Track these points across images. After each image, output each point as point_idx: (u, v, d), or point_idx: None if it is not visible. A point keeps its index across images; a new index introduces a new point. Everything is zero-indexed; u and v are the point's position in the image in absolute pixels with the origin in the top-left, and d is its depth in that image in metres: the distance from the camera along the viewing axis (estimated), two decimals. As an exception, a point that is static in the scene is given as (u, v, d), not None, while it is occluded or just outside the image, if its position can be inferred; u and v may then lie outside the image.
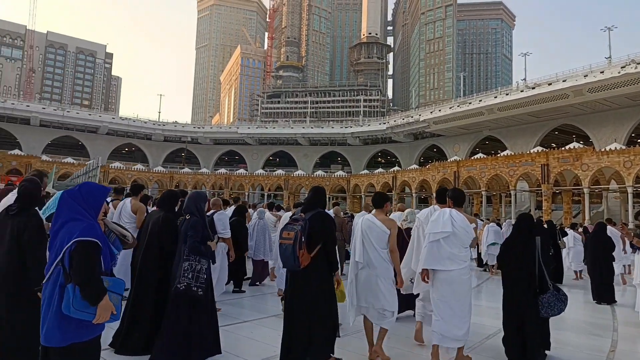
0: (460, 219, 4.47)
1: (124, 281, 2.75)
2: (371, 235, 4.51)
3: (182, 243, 4.15)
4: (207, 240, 4.23)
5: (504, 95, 48.07)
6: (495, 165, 40.40)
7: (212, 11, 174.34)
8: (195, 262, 4.04)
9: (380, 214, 4.70)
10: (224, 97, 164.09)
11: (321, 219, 4.05)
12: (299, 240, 3.82)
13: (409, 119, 61.07)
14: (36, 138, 63.57)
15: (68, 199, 2.66)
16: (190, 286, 3.94)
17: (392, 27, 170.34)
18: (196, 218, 4.21)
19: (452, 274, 4.36)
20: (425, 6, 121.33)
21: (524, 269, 4.67)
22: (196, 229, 4.11)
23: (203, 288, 4.02)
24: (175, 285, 3.97)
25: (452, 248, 4.40)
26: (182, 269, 3.99)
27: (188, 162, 71.54)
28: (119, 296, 2.61)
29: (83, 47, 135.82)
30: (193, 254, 4.03)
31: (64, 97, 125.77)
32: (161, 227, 4.39)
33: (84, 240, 2.47)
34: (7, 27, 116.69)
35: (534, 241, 4.71)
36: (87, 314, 2.43)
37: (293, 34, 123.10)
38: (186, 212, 4.30)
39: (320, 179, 61.78)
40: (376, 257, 4.45)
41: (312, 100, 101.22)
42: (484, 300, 8.78)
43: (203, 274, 4.05)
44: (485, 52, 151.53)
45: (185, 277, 3.95)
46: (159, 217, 4.48)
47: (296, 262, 3.80)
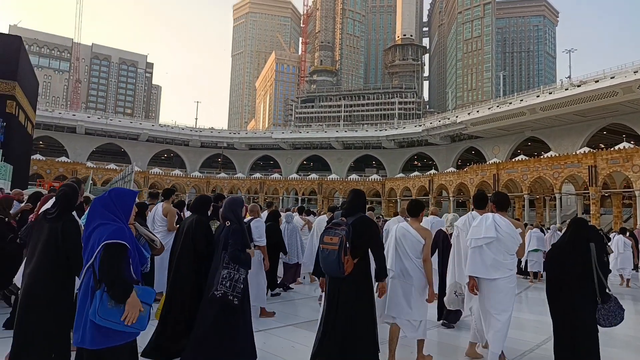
0: (505, 223, 4.27)
1: (154, 291, 2.74)
2: (405, 244, 4.41)
3: (221, 249, 4.13)
4: (247, 247, 4.22)
5: (547, 94, 45.76)
6: (538, 167, 38.49)
7: (247, 19, 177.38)
8: (234, 271, 4.03)
9: (415, 222, 4.58)
10: (259, 103, 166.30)
11: (366, 224, 3.91)
12: (344, 246, 3.70)
13: (446, 121, 59.36)
14: (82, 145, 66.26)
15: (98, 205, 2.75)
16: (226, 294, 3.94)
17: (427, 28, 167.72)
18: (236, 225, 4.20)
19: (496, 282, 4.18)
20: (462, 5, 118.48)
21: (579, 276, 4.24)
22: (236, 237, 4.10)
23: (239, 298, 4.01)
24: (212, 292, 3.97)
25: (496, 255, 4.21)
26: (221, 276, 3.98)
27: (224, 167, 72.63)
28: (148, 306, 2.61)
29: (125, 58, 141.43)
30: (233, 262, 4.02)
31: (108, 106, 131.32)
32: (195, 230, 4.43)
33: (112, 242, 2.56)
34: (55, 41, 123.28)
35: (588, 247, 4.26)
36: (112, 323, 2.48)
37: (327, 38, 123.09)
38: (224, 218, 4.31)
39: (354, 182, 61.10)
40: (411, 266, 4.36)
41: (346, 104, 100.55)
42: (525, 311, 8.13)
43: (240, 284, 4.03)
44: (527, 51, 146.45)
45: (223, 285, 3.96)
46: (192, 221, 4.53)
47: (341, 269, 3.68)
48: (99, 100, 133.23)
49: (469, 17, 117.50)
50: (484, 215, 4.48)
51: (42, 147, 65.35)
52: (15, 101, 18.37)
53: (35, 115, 25.31)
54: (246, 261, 4.11)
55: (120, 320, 2.50)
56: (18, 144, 20.08)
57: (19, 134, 20.20)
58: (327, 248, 3.78)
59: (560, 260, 4.42)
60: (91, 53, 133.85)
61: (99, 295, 2.49)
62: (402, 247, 4.42)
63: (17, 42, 18.39)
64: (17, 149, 19.66)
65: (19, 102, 19.04)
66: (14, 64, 18.24)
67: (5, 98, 17.93)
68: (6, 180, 15.13)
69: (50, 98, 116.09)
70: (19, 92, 18.70)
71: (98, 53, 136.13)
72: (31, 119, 22.84)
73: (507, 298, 4.25)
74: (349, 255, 3.72)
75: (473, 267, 4.29)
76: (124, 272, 2.58)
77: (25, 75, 20.13)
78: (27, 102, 20.96)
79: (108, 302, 2.50)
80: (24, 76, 19.79)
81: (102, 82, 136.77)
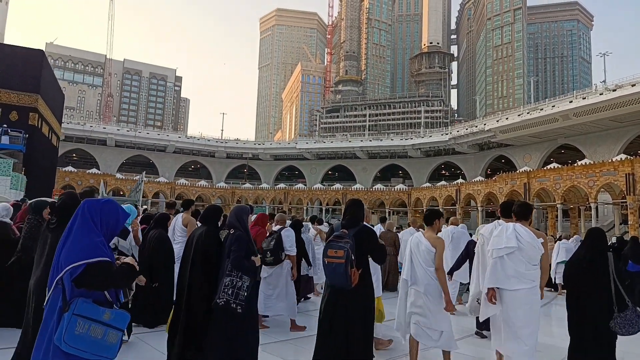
0: (526, 232, 4.20)
1: (129, 315, 2.49)
2: (418, 253, 4.51)
3: (225, 257, 4.10)
4: (252, 255, 4.15)
5: (581, 99, 43.85)
6: (571, 175, 36.76)
7: (273, 31, 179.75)
8: (237, 279, 3.97)
9: (429, 231, 4.67)
10: (285, 114, 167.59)
11: (367, 236, 4.00)
12: (350, 259, 3.74)
13: (473, 129, 57.82)
14: (112, 157, 68.04)
15: (85, 209, 2.54)
16: (229, 302, 3.89)
17: (455, 35, 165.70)
18: (240, 232, 4.16)
19: (518, 294, 4.08)
20: (491, 11, 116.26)
21: (595, 286, 4.32)
22: (240, 244, 4.06)
23: (243, 305, 3.94)
24: (215, 300, 3.95)
25: (517, 265, 4.13)
26: (223, 284, 3.95)
27: (250, 178, 73.06)
28: (119, 332, 2.38)
29: (155, 72, 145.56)
30: (236, 269, 3.98)
31: (138, 119, 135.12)
32: (204, 242, 4.35)
33: (96, 262, 2.36)
34: (89, 57, 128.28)
35: (606, 257, 4.35)
36: (79, 351, 2.24)
37: (352, 48, 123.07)
38: (229, 226, 4.27)
39: (379, 192, 60.26)
40: (423, 275, 4.43)
41: (371, 113, 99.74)
42: (554, 325, 7.86)
43: (244, 291, 3.96)
44: (561, 56, 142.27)
45: (225, 292, 3.92)
46: (202, 232, 4.46)
47: (348, 282, 3.73)
48: (130, 113, 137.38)
49: (499, 23, 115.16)
50: (505, 225, 4.41)
51: (76, 159, 67.55)
52: (37, 113, 18.73)
53: (60, 128, 25.83)
54: (250, 268, 4.03)
55: (87, 348, 2.26)
56: (41, 155, 20.43)
57: (42, 145, 20.56)
58: (332, 262, 3.80)
59: (578, 270, 4.49)
60: (123, 68, 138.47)
61: (67, 319, 2.25)
62: (415, 257, 4.52)
63: (39, 56, 18.83)
64: (40, 160, 20.02)
65: (42, 115, 19.42)
66: (37, 77, 18.64)
67: (27, 110, 18.30)
68: (18, 190, 15.30)
69: (85, 112, 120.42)
70: (41, 104, 19.08)
71: (129, 68, 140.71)
72: (56, 132, 23.32)
73: (532, 311, 4.12)
74: (355, 267, 3.76)
75: (494, 278, 4.19)
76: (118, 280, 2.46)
77: (48, 89, 20.55)
78: (51, 115, 21.38)
79: (76, 327, 2.26)
80: (47, 89, 20.19)
81: (133, 96, 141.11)
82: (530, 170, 42.42)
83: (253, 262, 4.12)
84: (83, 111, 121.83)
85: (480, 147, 61.05)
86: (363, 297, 3.91)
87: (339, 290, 3.86)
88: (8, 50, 18.73)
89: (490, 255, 4.34)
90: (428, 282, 4.40)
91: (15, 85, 18.03)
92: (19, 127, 18.02)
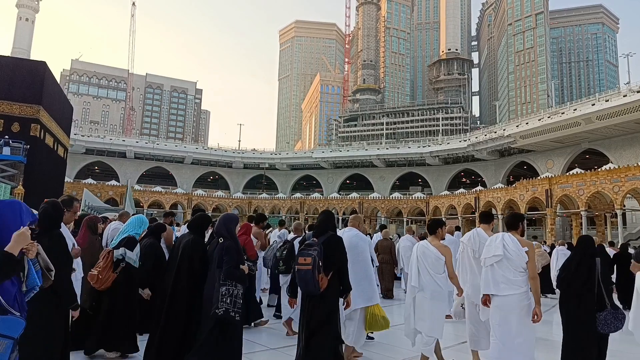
0: (512, 242, 4.40)
1: (23, 322, 2.29)
2: (426, 261, 4.73)
3: (215, 267, 4.13)
4: (240, 264, 4.20)
5: (603, 101, 42.07)
6: (595, 181, 35.16)
7: (292, 43, 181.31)
8: (233, 287, 4.02)
9: (434, 240, 4.93)
10: (305, 125, 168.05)
11: (334, 243, 4.18)
12: (317, 265, 3.91)
13: (492, 135, 56.28)
14: (132, 169, 69.11)
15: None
16: (228, 311, 3.94)
17: (476, 42, 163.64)
18: (230, 242, 4.20)
19: (509, 299, 4.27)
20: (512, 16, 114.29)
21: (582, 288, 4.66)
22: (231, 254, 4.10)
23: (240, 313, 4.03)
24: (213, 311, 3.96)
25: (505, 272, 4.33)
26: (220, 293, 3.97)
27: (268, 188, 73.04)
28: (10, 341, 2.17)
29: (176, 86, 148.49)
30: (230, 279, 4.02)
31: (160, 132, 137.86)
32: (191, 250, 4.35)
33: None
34: (112, 72, 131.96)
35: (593, 262, 4.69)
36: None
37: (369, 56, 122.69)
38: (218, 235, 4.31)
39: (396, 201, 59.24)
40: (429, 281, 4.66)
41: (389, 121, 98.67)
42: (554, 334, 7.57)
43: (240, 299, 4.04)
44: (586, 60, 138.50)
45: (224, 302, 3.96)
46: (188, 240, 4.44)
47: (316, 287, 3.91)
48: (152, 127, 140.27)
49: (520, 28, 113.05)
50: (495, 235, 4.68)
51: (98, 171, 68.93)
52: (39, 124, 18.83)
53: (69, 140, 26.04)
54: (241, 277, 4.12)
55: None
56: (45, 166, 20.52)
57: (46, 156, 20.66)
58: (302, 269, 3.98)
59: (568, 273, 4.84)
60: (145, 82, 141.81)
61: None
62: (422, 264, 4.75)
63: (42, 67, 19.00)
64: (44, 171, 20.10)
65: (44, 126, 19.54)
66: (39, 88, 18.78)
67: (29, 121, 18.42)
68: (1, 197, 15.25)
69: (109, 126, 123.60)
70: (44, 115, 19.20)
71: (151, 82, 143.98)
72: (63, 143, 23.50)
73: (525, 317, 4.25)
74: (323, 272, 3.95)
75: (486, 285, 4.44)
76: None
77: (53, 100, 20.70)
78: (56, 126, 21.53)
79: None
80: (51, 101, 20.33)
81: (155, 109, 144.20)
82: (552, 176, 40.88)
83: (242, 271, 4.18)
84: (107, 125, 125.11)
85: (500, 153, 59.41)
86: (328, 301, 4.06)
87: (311, 297, 4.06)
88: (11, 62, 18.98)
89: (483, 264, 4.56)
90: (434, 288, 4.64)
91: (18, 97, 18.19)
92: (21, 138, 18.13)
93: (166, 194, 60.99)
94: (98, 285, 4.64)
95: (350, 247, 4.75)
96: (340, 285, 4.18)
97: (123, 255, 4.82)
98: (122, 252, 4.80)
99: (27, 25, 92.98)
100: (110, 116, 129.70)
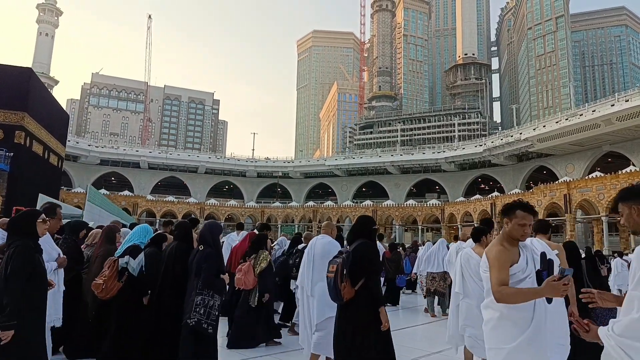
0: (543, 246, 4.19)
1: None
2: (469, 267, 4.79)
3: (194, 275, 4.04)
4: (221, 273, 4.12)
5: (623, 101, 40.07)
6: (615, 184, 33.41)
7: (310, 53, 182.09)
8: (209, 297, 3.90)
9: (478, 247, 4.97)
10: (323, 133, 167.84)
11: (363, 251, 3.88)
12: (341, 272, 3.71)
13: (509, 139, 54.41)
14: (146, 180, 69.70)
15: None
16: (200, 322, 3.80)
17: (496, 47, 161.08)
18: (210, 250, 4.10)
19: None
20: (532, 21, 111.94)
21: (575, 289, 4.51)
22: (211, 262, 4.00)
23: (214, 326, 3.88)
24: (185, 320, 3.85)
25: None
26: (194, 303, 3.85)
27: (283, 197, 72.56)
28: None
29: (194, 97, 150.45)
30: (207, 288, 3.91)
31: (178, 142, 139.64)
32: (174, 258, 4.34)
33: None
34: (132, 85, 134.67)
35: (579, 266, 4.98)
36: None
37: (384, 63, 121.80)
38: (201, 241, 4.24)
39: (411, 208, 57.87)
40: (475, 288, 4.66)
41: (404, 127, 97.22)
42: None
43: (215, 310, 3.92)
44: (610, 63, 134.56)
45: (197, 312, 3.83)
46: (172, 248, 4.45)
47: (338, 296, 3.70)
48: (170, 137, 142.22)
49: (540, 32, 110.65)
50: None
51: (114, 182, 69.74)
52: (24, 131, 18.60)
53: (64, 149, 25.92)
54: (221, 287, 4.03)
55: None
56: (33, 174, 20.27)
57: (34, 164, 20.43)
58: (329, 276, 3.83)
59: None
60: (163, 94, 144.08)
61: None
62: (467, 271, 4.82)
63: (27, 73, 18.85)
64: (31, 180, 19.83)
65: (31, 133, 19.32)
66: (24, 95, 18.58)
67: (13, 128, 18.21)
68: None
69: (128, 138, 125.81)
70: (29, 122, 18.98)
71: (170, 94, 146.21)
72: (56, 151, 23.34)
73: None
74: (347, 282, 3.69)
75: None
76: None
77: (40, 107, 20.53)
78: (46, 134, 21.35)
79: None
80: (38, 107, 20.15)
81: (173, 120, 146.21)
82: (571, 181, 39.02)
83: (222, 281, 4.08)
84: (126, 137, 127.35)
85: (518, 158, 57.43)
86: (353, 313, 3.72)
87: (340, 307, 3.87)
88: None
89: None
90: (480, 294, 4.44)
91: (2, 104, 18.03)
92: (4, 146, 17.90)
93: (179, 204, 61.10)
94: (103, 294, 4.59)
95: (323, 254, 4.93)
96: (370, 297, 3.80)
97: (127, 263, 4.86)
98: (127, 260, 4.80)
99: (47, 40, 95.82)
100: (129, 128, 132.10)
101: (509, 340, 2.56)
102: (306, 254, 5.23)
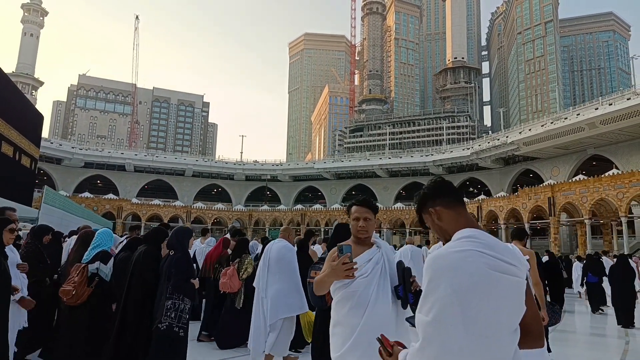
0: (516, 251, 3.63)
1: None
2: None
3: (164, 280, 4.06)
4: (191, 278, 4.12)
5: (607, 105, 40.24)
6: (598, 187, 33.42)
7: (302, 55, 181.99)
8: (179, 301, 3.90)
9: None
10: (314, 137, 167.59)
11: None
12: None
13: (496, 142, 54.54)
14: (131, 183, 68.82)
15: None
16: (172, 326, 3.81)
17: (486, 51, 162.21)
18: (180, 255, 4.13)
19: None
20: (521, 25, 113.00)
21: None
22: (180, 267, 4.03)
23: (185, 329, 3.91)
24: (155, 325, 3.86)
25: None
26: (165, 307, 3.86)
27: (272, 200, 72.04)
28: None
29: (183, 99, 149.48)
30: (177, 292, 3.92)
31: (167, 145, 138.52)
32: (142, 262, 4.32)
33: None
34: (119, 87, 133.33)
35: None
36: None
37: (375, 66, 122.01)
38: (169, 247, 4.29)
39: (398, 211, 57.73)
40: None
41: (393, 131, 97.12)
42: None
43: (186, 314, 3.92)
44: (598, 68, 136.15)
45: (168, 316, 3.83)
46: (141, 251, 4.44)
47: (323, 301, 3.71)
48: (159, 140, 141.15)
49: (530, 37, 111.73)
50: None
51: (100, 185, 68.83)
52: (-13, 132, 18.08)
53: (38, 150, 25.36)
54: (190, 291, 4.04)
55: None
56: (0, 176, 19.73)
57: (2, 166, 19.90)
58: (310, 281, 3.88)
59: None
60: (152, 96, 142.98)
61: None
62: None
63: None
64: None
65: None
66: (-15, 93, 18.07)
67: (-24, 129, 17.70)
68: None
69: (115, 140, 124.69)
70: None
71: (158, 96, 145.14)
72: (29, 153, 22.80)
73: None
74: None
75: None
76: None
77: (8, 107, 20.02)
78: (16, 134, 20.82)
79: None
80: (6, 107, 19.64)
81: (162, 122, 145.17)
82: (555, 184, 39.05)
83: (192, 285, 4.09)
84: (114, 139, 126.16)
85: (505, 161, 57.58)
86: None
87: (320, 312, 3.91)
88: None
89: None
90: None
91: (-38, 104, 17.51)
92: (-33, 147, 17.39)
93: (165, 207, 60.38)
94: (73, 300, 4.56)
95: (278, 258, 5.10)
96: None
97: (97, 268, 4.87)
98: (97, 265, 4.80)
99: (32, 40, 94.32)
100: (117, 130, 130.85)
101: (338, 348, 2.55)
102: (262, 258, 5.36)
